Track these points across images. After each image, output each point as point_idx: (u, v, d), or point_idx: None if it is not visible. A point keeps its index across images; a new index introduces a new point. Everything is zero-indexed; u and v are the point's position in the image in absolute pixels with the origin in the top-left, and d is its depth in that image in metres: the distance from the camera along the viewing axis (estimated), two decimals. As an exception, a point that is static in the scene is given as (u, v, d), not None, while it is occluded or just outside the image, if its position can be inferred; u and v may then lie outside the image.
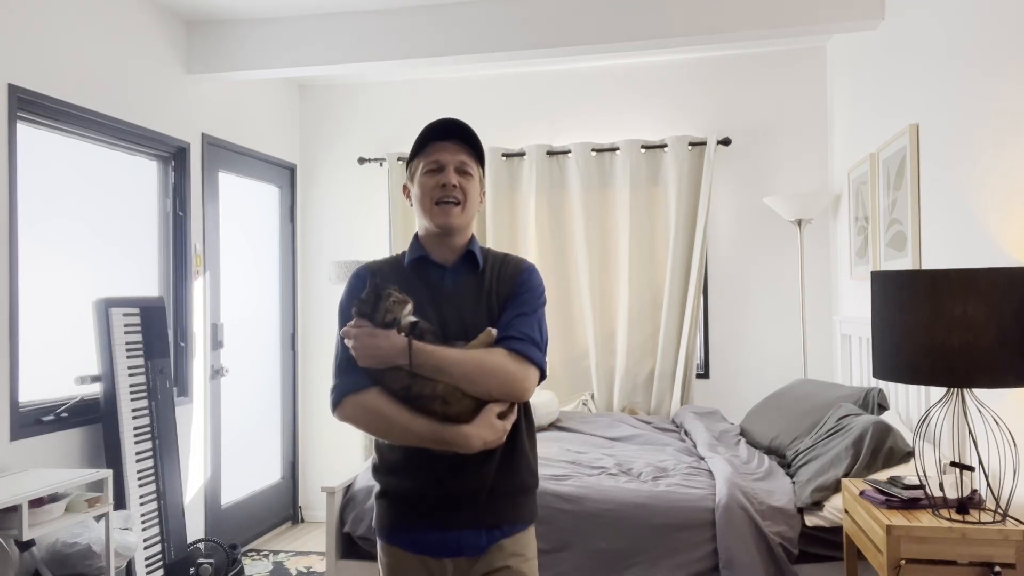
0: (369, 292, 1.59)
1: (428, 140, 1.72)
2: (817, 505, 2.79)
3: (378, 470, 1.73)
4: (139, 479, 3.43)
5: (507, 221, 4.83)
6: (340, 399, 1.62)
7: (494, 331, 1.64)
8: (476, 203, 1.74)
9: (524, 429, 1.72)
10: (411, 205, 1.76)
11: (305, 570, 4.14)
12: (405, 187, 1.78)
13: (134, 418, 3.45)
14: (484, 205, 1.76)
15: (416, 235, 1.77)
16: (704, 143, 4.55)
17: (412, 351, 1.54)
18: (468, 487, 1.63)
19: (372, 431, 1.63)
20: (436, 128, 1.72)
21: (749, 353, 4.62)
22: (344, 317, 1.67)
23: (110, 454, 3.35)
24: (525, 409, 1.74)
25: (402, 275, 1.72)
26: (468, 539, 1.65)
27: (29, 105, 3.16)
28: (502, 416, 1.61)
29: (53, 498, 2.80)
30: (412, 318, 1.60)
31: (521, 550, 1.70)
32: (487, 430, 1.57)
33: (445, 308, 1.68)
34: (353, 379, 1.62)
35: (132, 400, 3.46)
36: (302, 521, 5.15)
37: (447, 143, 1.72)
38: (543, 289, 1.75)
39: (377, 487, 1.74)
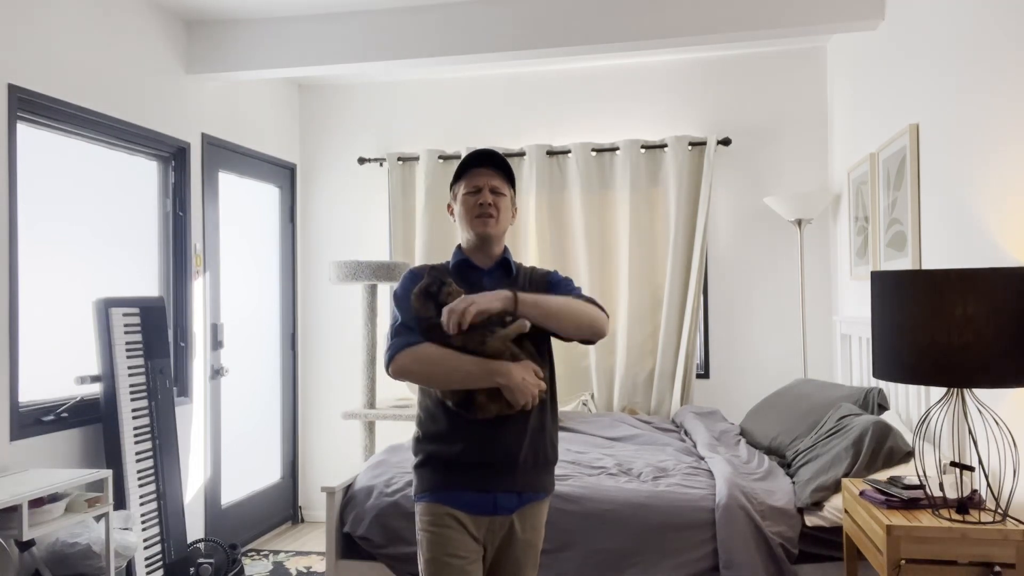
0: (435, 278, 1.93)
1: (468, 167, 2.07)
2: (817, 505, 2.79)
3: (420, 441, 2.01)
4: (139, 479, 3.43)
5: (507, 221, 4.82)
6: (394, 354, 1.92)
7: (526, 322, 1.92)
8: (508, 217, 2.09)
9: (550, 411, 2.03)
10: (455, 221, 2.10)
11: (305, 570, 4.14)
12: (449, 206, 2.13)
13: (134, 418, 3.45)
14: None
15: (459, 245, 2.11)
16: (704, 143, 4.55)
17: (518, 297, 1.89)
18: (503, 454, 1.92)
19: (423, 377, 1.92)
20: (475, 157, 2.07)
21: (749, 353, 4.62)
22: (400, 304, 1.99)
23: (110, 454, 3.35)
24: (552, 395, 2.05)
25: (448, 276, 2.03)
26: (503, 500, 1.95)
27: (29, 105, 3.16)
28: (537, 375, 1.91)
29: (53, 498, 2.80)
30: None
31: (537, 525, 2.04)
32: (527, 372, 1.88)
33: None
34: (406, 339, 1.93)
35: (132, 400, 3.46)
36: (302, 521, 5.15)
37: (483, 169, 2.06)
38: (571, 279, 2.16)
39: (417, 458, 2.01)
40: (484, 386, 1.87)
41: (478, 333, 1.90)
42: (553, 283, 2.11)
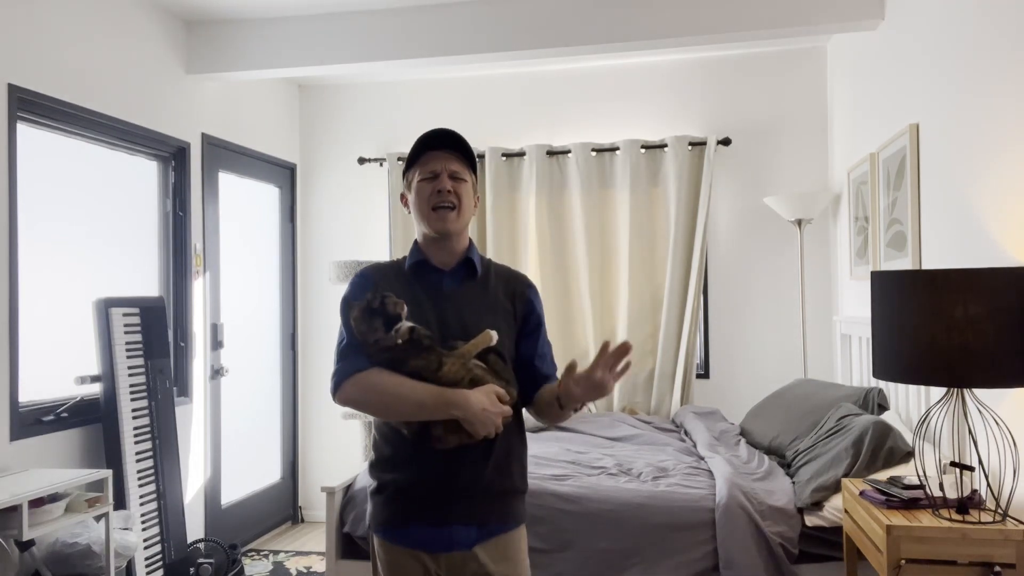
0: (374, 294, 1.67)
1: (422, 150, 1.80)
2: (817, 505, 2.79)
3: (374, 466, 1.80)
4: (139, 479, 3.43)
5: (507, 221, 4.82)
6: (341, 381, 1.70)
7: (493, 333, 1.71)
8: (471, 208, 1.82)
9: (517, 433, 1.80)
10: (409, 212, 1.84)
11: (305, 570, 4.14)
12: (403, 196, 1.86)
13: (134, 418, 3.45)
14: (478, 210, 1.92)
15: (416, 241, 1.85)
16: (704, 143, 4.55)
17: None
18: (461, 483, 1.70)
19: (373, 407, 1.70)
20: (429, 138, 1.80)
21: (749, 353, 4.62)
22: (347, 311, 1.75)
23: (110, 454, 3.35)
24: (518, 414, 1.81)
25: (403, 278, 1.80)
26: (459, 534, 1.71)
27: (29, 105, 3.16)
28: (501, 400, 1.67)
29: (53, 498, 2.80)
30: (410, 323, 1.67)
31: (511, 555, 1.76)
32: (488, 399, 1.64)
33: (445, 308, 1.76)
34: (353, 363, 1.70)
35: (132, 400, 3.46)
36: (302, 521, 5.15)
37: (440, 152, 1.79)
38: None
39: (372, 484, 1.80)
40: (440, 418, 1.64)
41: (434, 354, 1.66)
42: (532, 311, 1.85)
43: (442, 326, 1.73)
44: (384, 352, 1.66)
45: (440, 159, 1.78)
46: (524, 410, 1.86)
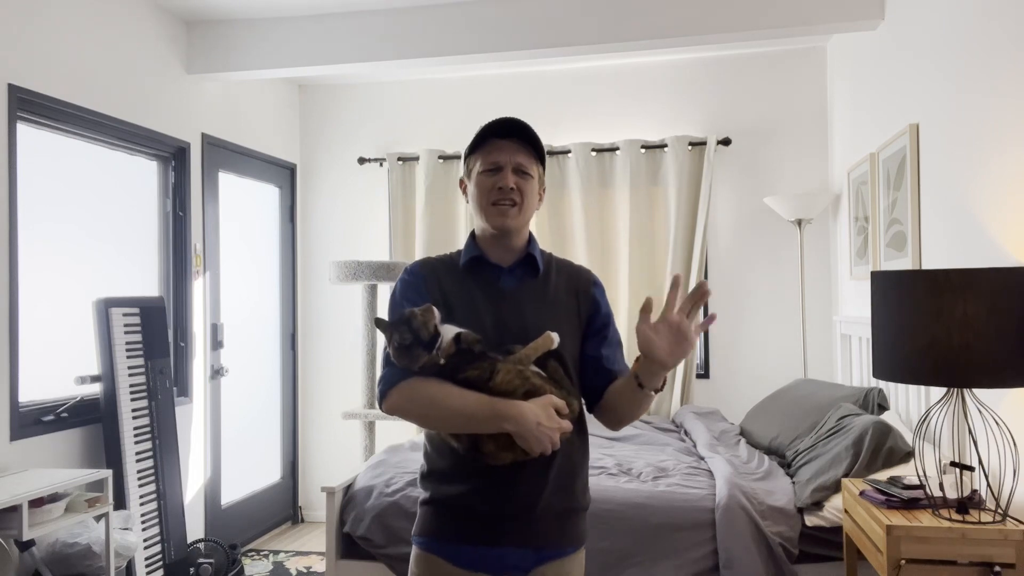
0: (398, 320, 1.53)
1: (487, 137, 1.67)
2: (817, 505, 2.79)
3: (426, 478, 1.68)
4: (139, 479, 3.43)
5: (507, 221, 4.82)
6: (387, 389, 1.57)
7: (554, 335, 1.57)
8: (534, 203, 1.69)
9: (579, 448, 1.67)
10: (467, 202, 1.70)
11: (305, 570, 4.14)
12: (462, 182, 1.74)
13: (134, 418, 3.45)
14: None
15: (472, 234, 1.72)
16: (704, 143, 4.55)
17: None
18: (519, 502, 1.58)
19: (420, 418, 1.58)
20: (495, 126, 1.67)
21: (749, 353, 4.62)
22: (395, 309, 1.64)
23: (110, 454, 3.35)
24: (582, 426, 1.67)
25: (456, 274, 1.68)
26: (512, 558, 1.59)
27: (29, 105, 3.16)
28: (560, 413, 1.52)
29: (53, 498, 2.80)
30: (454, 331, 1.54)
31: None
32: (545, 413, 1.49)
33: (504, 309, 1.63)
34: (400, 369, 1.56)
35: (132, 400, 3.46)
36: (302, 521, 5.15)
37: (506, 142, 1.66)
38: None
39: (424, 494, 1.68)
40: (491, 431, 1.50)
41: (486, 361, 1.52)
42: (599, 310, 1.72)
43: (500, 328, 1.60)
44: (434, 368, 1.53)
45: (506, 150, 1.64)
46: (590, 415, 1.71)
